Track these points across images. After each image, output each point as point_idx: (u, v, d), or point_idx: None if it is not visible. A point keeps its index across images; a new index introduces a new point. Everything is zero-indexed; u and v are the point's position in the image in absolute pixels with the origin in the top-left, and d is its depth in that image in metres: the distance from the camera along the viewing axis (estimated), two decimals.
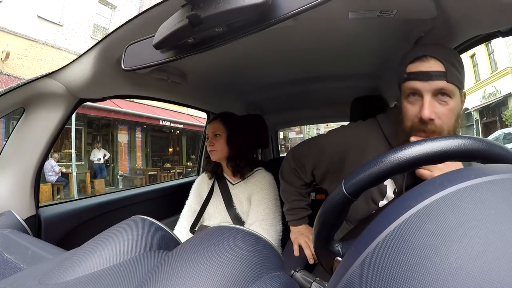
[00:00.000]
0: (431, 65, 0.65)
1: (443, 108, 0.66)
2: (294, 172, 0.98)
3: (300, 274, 0.50)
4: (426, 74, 0.65)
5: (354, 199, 0.40)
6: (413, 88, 0.67)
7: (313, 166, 0.90)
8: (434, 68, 0.64)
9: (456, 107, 0.67)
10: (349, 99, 1.36)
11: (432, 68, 0.65)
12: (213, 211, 1.24)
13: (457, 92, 0.67)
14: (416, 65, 0.67)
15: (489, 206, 0.19)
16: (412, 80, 0.67)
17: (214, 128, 1.23)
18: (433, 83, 0.64)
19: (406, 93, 0.69)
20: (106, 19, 9.50)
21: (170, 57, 0.50)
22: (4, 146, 0.89)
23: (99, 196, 1.24)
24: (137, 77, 1.05)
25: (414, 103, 0.68)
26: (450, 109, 0.66)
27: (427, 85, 0.65)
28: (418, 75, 0.66)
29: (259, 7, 0.39)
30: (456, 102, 0.67)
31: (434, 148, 0.36)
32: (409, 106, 0.69)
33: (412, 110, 0.68)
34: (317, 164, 0.89)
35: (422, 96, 0.66)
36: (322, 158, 0.87)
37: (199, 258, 0.33)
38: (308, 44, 1.04)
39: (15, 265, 0.49)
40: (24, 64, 6.96)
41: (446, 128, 0.66)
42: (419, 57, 0.67)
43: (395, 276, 0.18)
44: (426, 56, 0.66)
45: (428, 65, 0.65)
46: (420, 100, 0.66)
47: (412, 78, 0.67)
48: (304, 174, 0.95)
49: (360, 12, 0.76)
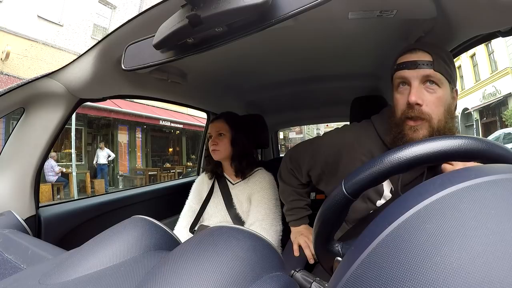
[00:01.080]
0: (418, 56, 0.69)
1: (430, 96, 0.68)
2: (291, 172, 0.98)
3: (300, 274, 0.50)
4: (413, 63, 0.68)
5: (354, 199, 0.40)
6: (402, 77, 0.70)
7: (309, 167, 0.91)
8: (422, 58, 0.68)
9: (444, 97, 0.69)
10: (349, 99, 1.36)
11: (419, 58, 0.68)
12: (213, 211, 1.24)
13: (446, 83, 0.69)
14: (405, 56, 0.71)
15: (489, 206, 0.19)
16: (401, 70, 0.70)
17: (218, 127, 1.22)
18: (420, 71, 0.67)
19: (396, 83, 0.73)
20: (106, 19, 9.50)
21: (170, 57, 0.50)
22: (4, 146, 0.89)
23: (99, 196, 1.24)
24: (137, 77, 1.05)
25: (403, 93, 0.71)
26: (438, 97, 0.68)
27: (414, 73, 0.68)
28: (406, 64, 0.69)
29: (259, 7, 0.39)
30: (444, 92, 0.69)
31: (434, 148, 0.36)
32: (398, 96, 0.72)
33: (401, 99, 0.71)
34: (312, 165, 0.89)
35: (410, 85, 0.69)
36: (317, 159, 0.88)
37: (199, 258, 0.33)
38: (308, 44, 1.04)
39: (15, 265, 0.49)
40: (24, 64, 6.96)
41: (435, 117, 0.68)
42: (409, 50, 0.71)
43: (395, 276, 0.18)
44: (415, 49, 0.70)
45: (416, 56, 0.69)
46: (409, 88, 0.69)
47: (401, 68, 0.70)
48: (300, 175, 0.95)
49: (360, 12, 0.76)
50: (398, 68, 0.71)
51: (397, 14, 0.76)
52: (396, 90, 0.73)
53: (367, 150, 0.79)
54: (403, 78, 0.70)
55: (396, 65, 0.72)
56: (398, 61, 0.72)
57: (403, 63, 0.70)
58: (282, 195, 1.05)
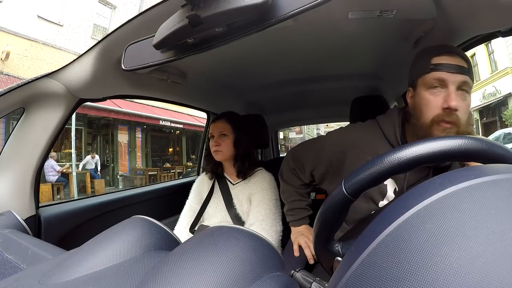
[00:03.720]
0: (457, 60, 0.68)
1: (463, 103, 0.68)
2: (293, 172, 0.98)
3: (300, 274, 0.50)
4: (454, 67, 0.67)
5: (354, 199, 0.40)
6: (440, 79, 0.68)
7: (312, 167, 0.90)
8: (461, 63, 0.67)
9: (470, 104, 0.70)
10: (349, 99, 1.36)
11: (459, 63, 0.67)
12: (213, 211, 1.24)
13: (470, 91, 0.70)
14: (444, 58, 0.68)
15: (489, 206, 0.19)
16: (439, 71, 0.68)
17: (220, 128, 1.21)
18: (459, 76, 0.67)
19: (429, 84, 0.70)
20: (106, 19, 9.50)
21: (170, 57, 0.50)
22: (4, 146, 0.89)
23: (99, 196, 1.24)
24: (137, 77, 1.05)
25: (437, 94, 0.69)
26: (468, 104, 0.69)
27: (454, 77, 0.67)
28: (446, 67, 0.67)
29: (259, 7, 0.39)
30: (470, 99, 0.70)
31: (434, 148, 0.36)
32: (431, 97, 0.69)
33: (435, 101, 0.69)
34: (316, 165, 0.89)
35: (447, 88, 0.68)
36: (321, 159, 0.87)
37: (199, 258, 0.33)
38: (308, 44, 1.04)
39: (15, 265, 0.49)
40: (24, 64, 6.96)
41: (463, 122, 0.68)
42: (447, 51, 0.69)
43: (395, 276, 0.18)
44: (453, 52, 0.69)
45: (455, 60, 0.68)
46: (444, 91, 0.68)
47: (439, 69, 0.68)
48: (303, 175, 0.95)
49: (360, 12, 0.76)
50: (436, 69, 0.68)
51: (397, 14, 0.76)
52: (428, 90, 0.70)
53: (372, 150, 0.78)
54: (440, 80, 0.68)
55: (432, 64, 0.69)
56: (434, 60, 0.69)
57: (442, 65, 0.67)
58: (283, 195, 1.05)
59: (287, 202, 1.03)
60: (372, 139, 0.80)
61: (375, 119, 0.85)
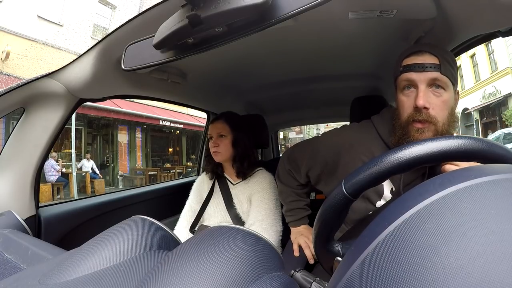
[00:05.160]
0: (425, 58, 0.68)
1: (436, 99, 0.68)
2: (289, 173, 0.98)
3: (300, 274, 0.50)
4: (421, 66, 0.67)
5: (354, 199, 0.40)
6: (408, 79, 0.69)
7: (308, 168, 0.90)
8: (429, 60, 0.67)
9: (449, 100, 0.69)
10: (349, 99, 1.36)
11: (426, 60, 0.67)
12: (213, 211, 1.24)
13: (451, 86, 0.69)
14: (411, 59, 0.70)
15: (489, 206, 0.19)
16: (407, 72, 0.69)
17: (219, 128, 1.21)
18: (428, 74, 0.67)
19: (401, 85, 0.71)
20: (106, 19, 9.50)
21: (170, 57, 0.50)
22: (4, 146, 0.89)
23: (99, 196, 1.24)
24: (137, 77, 1.05)
25: (409, 95, 0.70)
26: (444, 101, 0.68)
27: (421, 76, 0.67)
28: (413, 67, 0.68)
29: (259, 7, 0.39)
30: (449, 96, 0.69)
31: (434, 148, 0.36)
32: (404, 98, 0.71)
33: (407, 102, 0.70)
34: (311, 166, 0.89)
35: (417, 87, 0.68)
36: (316, 159, 0.87)
37: (199, 258, 0.33)
38: (308, 44, 1.04)
39: (15, 265, 0.49)
40: (24, 64, 6.96)
41: (440, 120, 0.68)
42: (415, 52, 0.70)
43: (395, 276, 0.18)
44: (421, 51, 0.69)
45: (422, 58, 0.68)
46: (415, 91, 0.69)
47: (407, 70, 0.69)
48: (299, 176, 0.95)
49: (360, 12, 0.76)
50: (404, 70, 0.70)
51: (397, 14, 0.76)
52: (402, 92, 0.71)
53: (367, 150, 0.79)
54: (409, 81, 0.69)
55: (401, 66, 0.71)
56: (403, 62, 0.70)
57: (409, 65, 0.69)
58: (281, 196, 1.05)
59: (285, 203, 1.03)
60: (367, 139, 0.80)
61: (370, 119, 0.85)
